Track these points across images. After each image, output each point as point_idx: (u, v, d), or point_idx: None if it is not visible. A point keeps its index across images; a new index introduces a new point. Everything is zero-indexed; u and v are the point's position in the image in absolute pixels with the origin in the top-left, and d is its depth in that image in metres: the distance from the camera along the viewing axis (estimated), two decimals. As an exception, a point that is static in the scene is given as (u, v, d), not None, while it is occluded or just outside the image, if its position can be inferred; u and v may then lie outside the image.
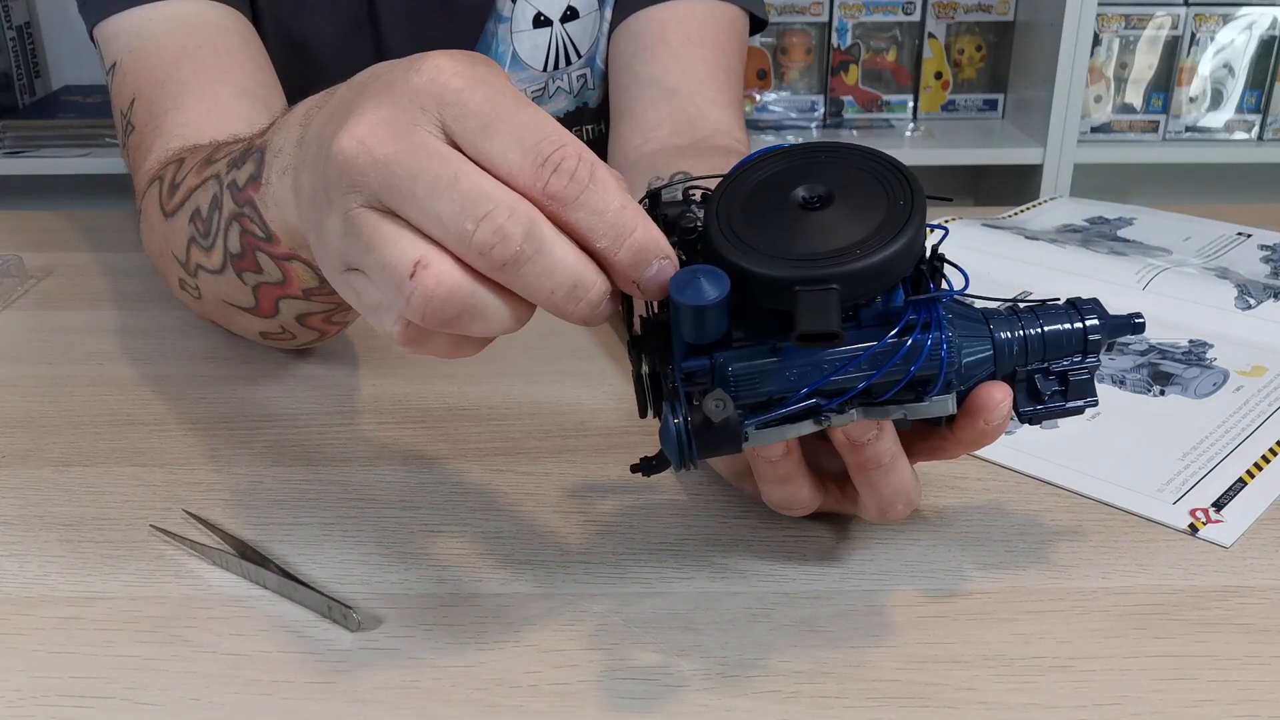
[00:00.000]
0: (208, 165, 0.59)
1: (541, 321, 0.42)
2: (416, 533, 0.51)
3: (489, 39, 0.89)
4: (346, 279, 0.40)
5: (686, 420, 0.39)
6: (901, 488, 0.45)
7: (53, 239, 0.89)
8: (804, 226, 0.40)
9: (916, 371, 0.40)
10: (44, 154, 1.97)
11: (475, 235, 0.36)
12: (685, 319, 0.38)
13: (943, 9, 2.08)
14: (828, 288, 0.37)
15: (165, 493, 0.54)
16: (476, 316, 0.38)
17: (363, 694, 0.42)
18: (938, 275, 0.42)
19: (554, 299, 0.38)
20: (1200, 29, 1.99)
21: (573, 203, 0.37)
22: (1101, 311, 0.45)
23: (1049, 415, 0.46)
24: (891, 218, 0.39)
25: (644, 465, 0.46)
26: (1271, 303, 0.71)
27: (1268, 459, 0.56)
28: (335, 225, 0.39)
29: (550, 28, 0.89)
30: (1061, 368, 0.45)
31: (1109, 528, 0.52)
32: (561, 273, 0.37)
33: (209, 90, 0.72)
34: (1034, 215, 0.93)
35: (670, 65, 0.84)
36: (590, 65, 0.92)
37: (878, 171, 0.41)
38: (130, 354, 0.69)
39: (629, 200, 0.38)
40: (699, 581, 0.48)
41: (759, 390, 0.40)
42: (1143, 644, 0.44)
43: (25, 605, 0.47)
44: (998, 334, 0.44)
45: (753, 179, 0.42)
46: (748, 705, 0.42)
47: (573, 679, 0.43)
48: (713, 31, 0.86)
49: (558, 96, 0.92)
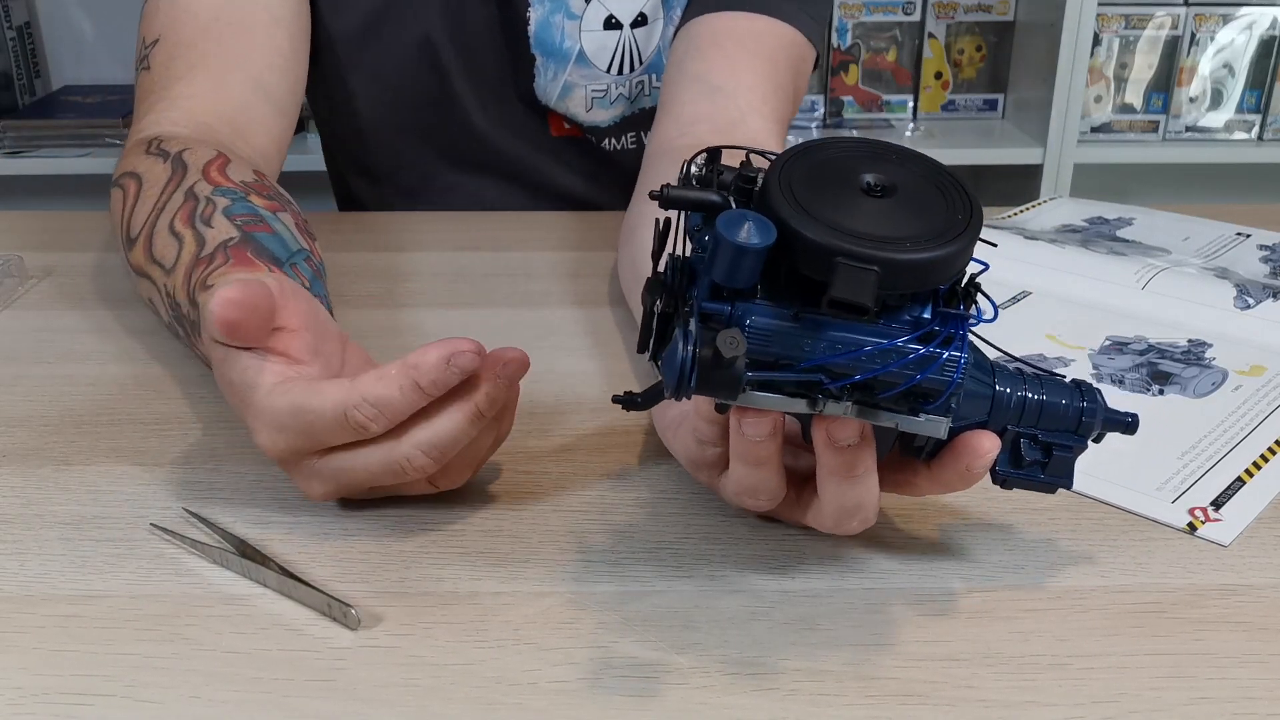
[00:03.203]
0: (151, 262, 0.64)
1: (541, 322, 0.42)
2: (416, 531, 0.51)
3: (554, 33, 0.89)
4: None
5: (695, 350, 0.39)
6: (865, 502, 0.45)
7: (53, 239, 0.89)
8: (861, 208, 0.40)
9: (924, 379, 0.40)
10: (44, 154, 1.97)
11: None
12: (723, 256, 0.38)
13: (943, 9, 2.08)
14: (869, 267, 0.38)
15: (165, 492, 0.55)
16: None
17: (362, 692, 0.42)
18: (970, 301, 0.42)
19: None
20: (1200, 29, 1.99)
21: (385, 416, 0.47)
22: (1101, 400, 0.46)
23: (1021, 483, 0.46)
24: (948, 225, 0.40)
25: (626, 399, 0.46)
26: (1270, 302, 0.71)
27: (1266, 458, 0.56)
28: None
29: (620, 31, 0.90)
30: (1049, 439, 0.45)
31: (1108, 526, 0.52)
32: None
33: (220, 71, 0.78)
34: (1034, 215, 0.93)
35: (719, 65, 0.84)
36: (652, 73, 0.93)
37: (943, 184, 0.41)
38: (130, 354, 0.69)
39: (396, 382, 0.47)
40: (698, 580, 0.48)
41: (769, 349, 0.40)
42: (1141, 642, 0.45)
43: (26, 603, 0.47)
44: (999, 386, 0.44)
45: (822, 155, 0.42)
46: (746, 703, 0.42)
47: (572, 677, 0.43)
48: (769, 46, 0.86)
49: (618, 102, 0.93)
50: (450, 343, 0.46)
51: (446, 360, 0.46)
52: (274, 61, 0.81)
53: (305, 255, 0.64)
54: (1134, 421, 0.46)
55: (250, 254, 0.60)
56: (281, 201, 0.68)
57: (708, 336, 0.39)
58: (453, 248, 0.87)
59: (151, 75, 0.79)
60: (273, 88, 0.81)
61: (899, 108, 2.13)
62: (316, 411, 0.47)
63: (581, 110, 0.93)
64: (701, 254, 0.41)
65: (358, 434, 0.47)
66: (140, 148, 0.72)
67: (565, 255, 0.85)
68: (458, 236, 0.89)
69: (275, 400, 0.48)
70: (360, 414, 0.46)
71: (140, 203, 0.67)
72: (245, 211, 0.64)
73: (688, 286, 0.42)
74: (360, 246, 0.87)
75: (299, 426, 0.48)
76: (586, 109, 0.93)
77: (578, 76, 0.91)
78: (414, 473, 0.48)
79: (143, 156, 0.70)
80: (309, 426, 0.47)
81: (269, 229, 0.63)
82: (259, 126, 0.79)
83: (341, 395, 0.47)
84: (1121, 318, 0.72)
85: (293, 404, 0.48)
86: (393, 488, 0.51)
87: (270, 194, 0.67)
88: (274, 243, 0.61)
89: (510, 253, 0.86)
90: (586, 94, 0.92)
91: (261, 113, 0.79)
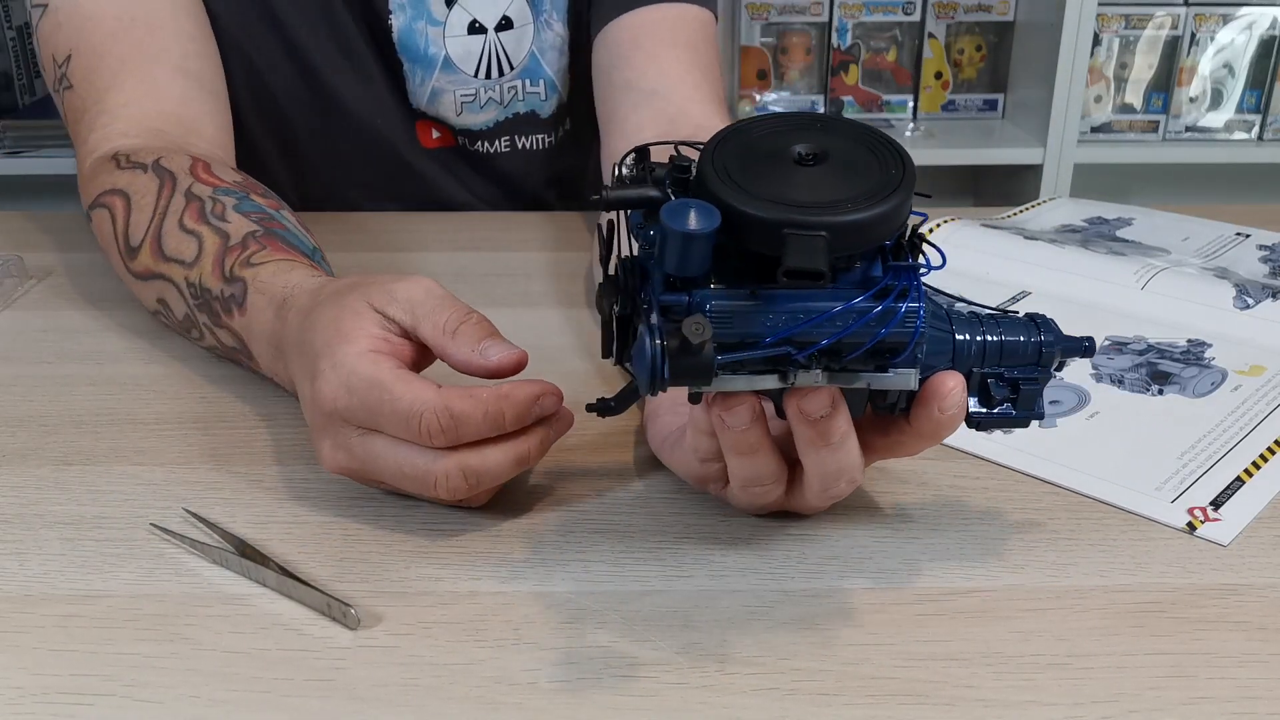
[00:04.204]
0: (164, 261, 0.65)
1: (540, 323, 0.42)
2: (415, 531, 0.51)
3: (419, 39, 0.89)
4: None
5: (663, 343, 0.40)
6: (846, 464, 0.46)
7: (53, 239, 0.89)
8: (798, 179, 0.41)
9: (887, 334, 0.41)
10: (44, 154, 1.97)
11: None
12: (672, 247, 0.39)
13: (943, 9, 2.08)
14: (817, 234, 0.38)
15: (165, 492, 0.55)
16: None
17: (362, 692, 0.42)
18: (918, 253, 0.43)
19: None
20: (1200, 29, 1.99)
21: (455, 431, 0.48)
22: (1056, 329, 0.47)
23: (997, 423, 0.47)
24: (883, 182, 0.41)
25: (600, 405, 0.47)
26: (1270, 302, 0.71)
27: (1265, 458, 0.56)
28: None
29: (485, 35, 0.90)
30: (1014, 376, 0.46)
31: (1107, 526, 0.52)
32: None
33: (145, 70, 0.78)
34: (1033, 215, 0.93)
35: (646, 68, 0.85)
36: (524, 78, 0.93)
37: (872, 144, 0.42)
38: (130, 354, 0.69)
39: (484, 406, 0.48)
40: (698, 580, 0.48)
41: (733, 330, 0.41)
42: (1140, 642, 0.45)
43: (26, 603, 0.47)
44: (958, 333, 0.45)
45: (750, 134, 0.43)
46: (747, 703, 0.42)
47: (571, 676, 0.43)
48: (685, 33, 0.87)
49: (489, 107, 0.93)
50: (540, 384, 0.50)
51: (536, 399, 0.49)
52: (190, 49, 0.81)
53: (321, 254, 0.66)
54: (1091, 345, 0.48)
55: (280, 244, 0.62)
56: (276, 200, 0.68)
57: (671, 327, 0.39)
58: (452, 248, 0.87)
59: (76, 93, 0.78)
60: (199, 74, 0.80)
61: (899, 108, 2.13)
62: (394, 397, 0.47)
63: (452, 114, 0.93)
64: (650, 250, 0.42)
65: (418, 437, 0.48)
66: (107, 165, 0.72)
67: (566, 255, 0.85)
68: (458, 236, 0.90)
69: (362, 364, 0.48)
70: (436, 421, 0.47)
71: (135, 213, 0.67)
72: (254, 209, 0.65)
73: (641, 285, 0.42)
74: (360, 246, 0.87)
75: (368, 400, 0.48)
76: (457, 113, 0.93)
77: (445, 82, 0.91)
78: (444, 493, 0.49)
79: (117, 173, 0.70)
80: (377, 404, 0.48)
81: (282, 225, 0.65)
82: (204, 117, 0.79)
83: (427, 396, 0.47)
84: (1121, 318, 0.72)
85: (376, 377, 0.48)
86: (409, 491, 0.51)
87: (264, 192, 0.69)
88: (292, 238, 0.64)
89: (510, 253, 0.86)
90: (455, 99, 0.92)
91: (200, 103, 0.79)
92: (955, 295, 0.49)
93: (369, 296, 0.52)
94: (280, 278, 0.59)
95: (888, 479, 0.55)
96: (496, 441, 0.49)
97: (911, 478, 0.55)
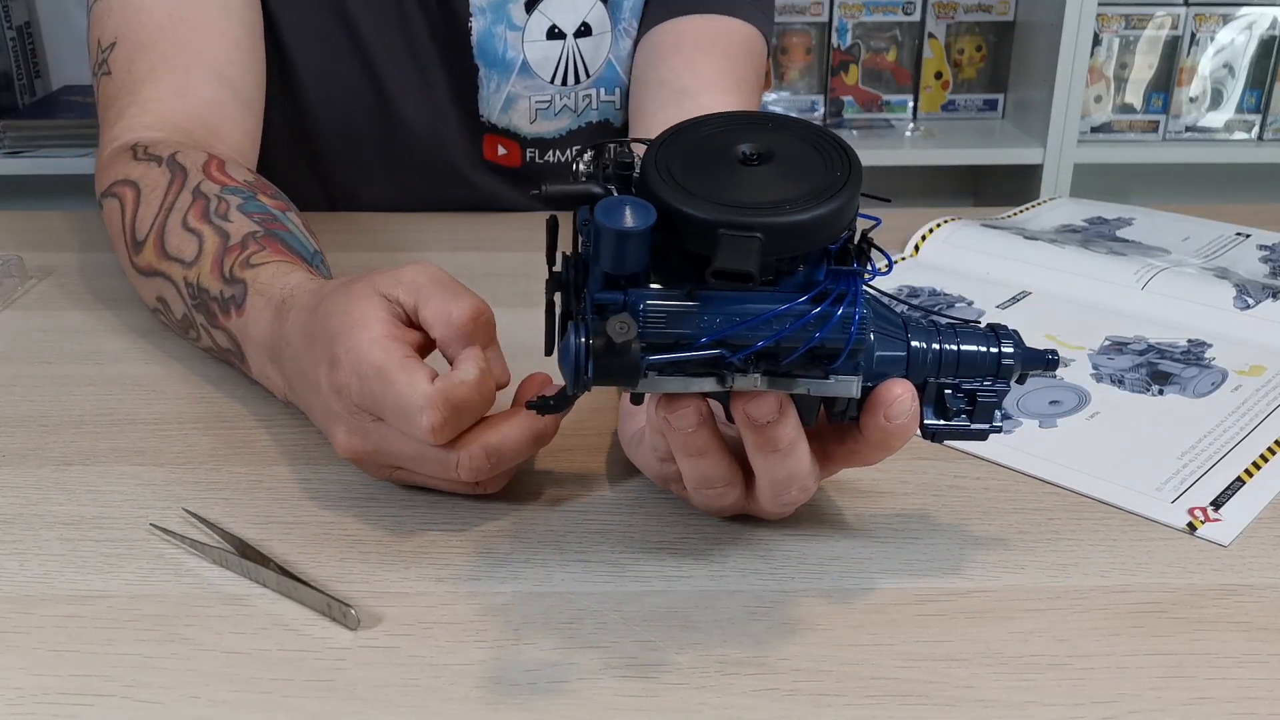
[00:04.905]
0: (165, 259, 0.65)
1: (540, 322, 0.43)
2: (416, 531, 0.51)
3: (497, 44, 0.89)
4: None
5: (588, 341, 0.39)
6: (796, 471, 0.45)
7: (53, 239, 0.89)
8: (739, 179, 0.41)
9: (822, 338, 0.40)
10: (44, 154, 1.97)
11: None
12: (607, 245, 0.39)
13: (943, 9, 2.08)
14: (751, 235, 0.38)
15: (165, 492, 0.55)
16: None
17: (362, 692, 0.42)
18: (864, 258, 0.42)
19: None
20: (1200, 29, 1.99)
21: (463, 420, 0.49)
22: (1019, 341, 0.46)
23: (952, 434, 0.46)
24: (826, 184, 0.40)
25: (539, 403, 0.47)
26: (1270, 302, 0.71)
27: (1266, 458, 0.56)
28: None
29: (564, 41, 0.90)
30: (971, 387, 0.45)
31: (1107, 526, 0.52)
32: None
33: (183, 69, 0.78)
34: (1033, 215, 0.93)
35: (681, 69, 0.86)
36: (600, 87, 0.93)
37: (820, 144, 0.42)
38: (130, 354, 0.69)
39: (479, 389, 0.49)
40: (698, 580, 0.48)
41: (667, 330, 0.40)
42: (1140, 642, 0.45)
43: (25, 604, 0.47)
44: (913, 341, 0.45)
45: (697, 133, 0.43)
46: (746, 703, 0.42)
47: (571, 677, 0.43)
48: (725, 44, 0.88)
49: (563, 114, 0.93)
50: (539, 376, 0.52)
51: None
52: (233, 55, 0.81)
53: (322, 257, 0.66)
54: (1055, 359, 0.46)
55: (280, 246, 0.62)
56: (284, 201, 0.68)
57: (599, 325, 0.39)
58: (453, 248, 0.87)
59: (114, 80, 0.79)
60: (235, 81, 0.81)
61: (899, 108, 2.13)
62: (397, 389, 0.48)
63: (525, 122, 0.93)
64: (590, 245, 0.41)
65: (419, 435, 0.48)
66: (124, 155, 0.72)
67: (565, 255, 0.85)
68: (458, 236, 0.90)
69: (374, 351, 0.49)
70: (436, 417, 0.47)
71: (143, 206, 0.67)
72: (259, 210, 0.65)
73: (584, 281, 0.42)
74: (360, 246, 0.87)
75: (373, 388, 0.48)
76: (530, 120, 0.93)
77: (521, 87, 0.91)
78: (465, 474, 0.49)
79: (133, 163, 0.71)
80: (380, 394, 0.48)
81: (285, 228, 0.65)
82: (230, 124, 0.79)
83: (432, 392, 0.47)
84: (1121, 318, 0.72)
85: (383, 366, 0.48)
86: (425, 478, 0.52)
87: (273, 193, 0.69)
88: (293, 241, 0.64)
89: (510, 253, 0.86)
90: (530, 105, 0.92)
91: (229, 108, 0.80)
92: (914, 305, 0.48)
93: (375, 283, 0.52)
94: (280, 280, 0.59)
95: (887, 479, 0.55)
96: (513, 419, 0.50)
97: (911, 478, 0.55)
